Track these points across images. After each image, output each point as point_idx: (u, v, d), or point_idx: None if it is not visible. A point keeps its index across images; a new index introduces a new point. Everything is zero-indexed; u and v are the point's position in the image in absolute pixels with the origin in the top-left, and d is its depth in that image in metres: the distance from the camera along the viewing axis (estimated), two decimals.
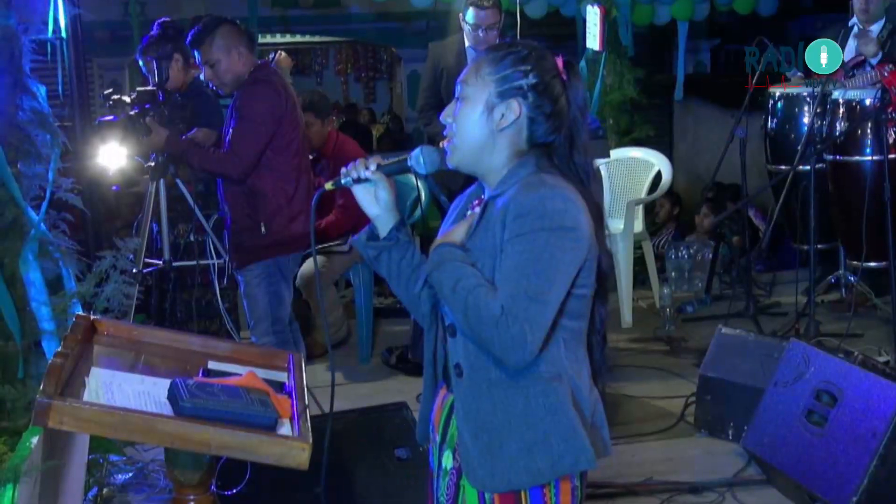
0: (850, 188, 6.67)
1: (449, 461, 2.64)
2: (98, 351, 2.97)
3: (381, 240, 2.70)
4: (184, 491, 2.69)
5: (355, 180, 2.67)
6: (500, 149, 2.53)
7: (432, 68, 6.47)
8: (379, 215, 2.69)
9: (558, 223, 2.40)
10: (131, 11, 11.17)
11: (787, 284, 7.46)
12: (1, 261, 3.83)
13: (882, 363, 5.42)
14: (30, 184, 3.95)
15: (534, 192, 2.42)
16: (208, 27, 5.13)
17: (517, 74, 2.50)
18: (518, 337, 2.35)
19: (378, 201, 2.67)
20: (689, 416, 5.54)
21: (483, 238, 2.47)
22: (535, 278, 2.37)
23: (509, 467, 2.49)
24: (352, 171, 2.67)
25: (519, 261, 2.38)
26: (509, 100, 2.50)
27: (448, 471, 2.65)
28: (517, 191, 2.44)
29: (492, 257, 2.43)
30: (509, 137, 2.52)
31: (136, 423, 2.44)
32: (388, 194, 2.67)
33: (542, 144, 2.54)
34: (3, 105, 3.90)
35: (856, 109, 6.56)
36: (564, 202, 2.42)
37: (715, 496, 4.68)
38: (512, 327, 2.35)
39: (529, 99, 2.50)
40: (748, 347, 5.31)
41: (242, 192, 5.15)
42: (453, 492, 2.63)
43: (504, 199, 2.45)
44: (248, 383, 2.76)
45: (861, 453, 4.11)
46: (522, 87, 2.50)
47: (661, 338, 6.86)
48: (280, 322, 5.21)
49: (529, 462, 2.49)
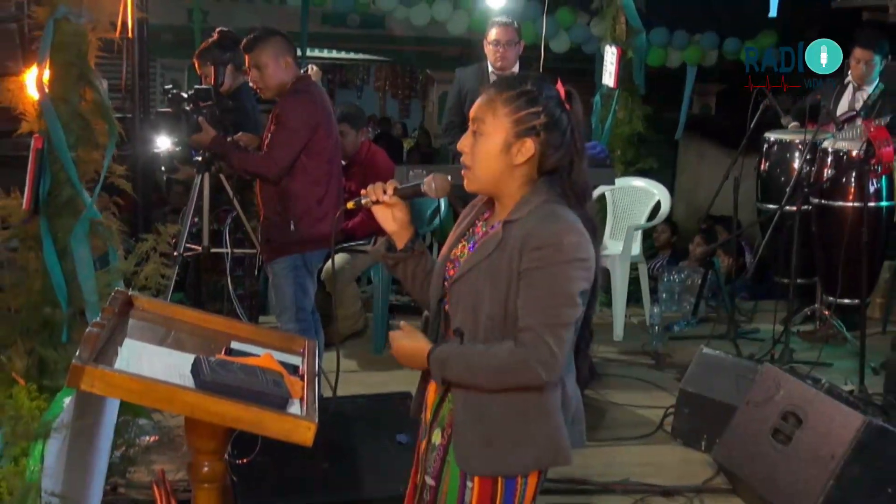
0: (832, 230, 6.65)
1: (437, 438, 2.68)
2: (133, 324, 2.98)
3: (398, 252, 2.83)
4: (200, 457, 2.70)
5: (374, 202, 2.73)
6: (515, 178, 2.58)
7: (457, 91, 6.54)
8: (395, 231, 2.81)
9: (573, 255, 2.47)
10: (194, 18, 11.23)
11: (767, 313, 7.43)
12: (55, 236, 3.85)
13: (847, 392, 5.41)
14: (86, 168, 3.97)
15: (551, 226, 2.48)
16: (263, 35, 5.18)
17: (531, 116, 2.53)
18: (548, 358, 2.44)
19: (395, 220, 2.79)
20: (667, 426, 5.52)
21: (500, 257, 2.52)
22: (558, 306, 2.46)
23: (497, 457, 2.56)
24: (370, 193, 2.77)
25: (542, 291, 2.46)
26: (524, 139, 2.53)
27: (436, 446, 2.69)
28: (534, 223, 2.49)
29: (507, 276, 2.49)
30: (523, 169, 2.57)
31: (160, 392, 2.44)
32: (403, 214, 2.80)
33: (550, 170, 2.58)
34: (69, 95, 3.92)
35: (842, 159, 6.55)
36: (578, 236, 2.49)
37: (684, 500, 4.69)
38: (540, 351, 2.43)
39: (542, 136, 2.54)
40: (726, 367, 5.31)
41: (276, 192, 5.16)
42: (438, 465, 2.67)
43: (522, 227, 2.51)
44: (265, 364, 2.77)
45: (820, 473, 4.10)
46: (535, 127, 2.53)
47: (648, 352, 6.85)
48: (304, 311, 5.22)
49: (516, 455, 2.56)
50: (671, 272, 8.17)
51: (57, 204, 3.90)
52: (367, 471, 4.28)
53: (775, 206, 6.69)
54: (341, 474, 4.22)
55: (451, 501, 2.61)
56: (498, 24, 6.34)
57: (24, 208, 3.83)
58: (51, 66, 3.84)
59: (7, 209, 3.89)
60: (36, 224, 3.86)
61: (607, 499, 4.67)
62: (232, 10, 13.14)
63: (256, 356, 2.84)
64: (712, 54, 11.29)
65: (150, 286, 4.00)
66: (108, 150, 4.02)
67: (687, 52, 11.18)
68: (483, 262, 2.54)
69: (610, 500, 4.67)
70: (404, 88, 19.63)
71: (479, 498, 2.57)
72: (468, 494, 2.58)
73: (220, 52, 6.12)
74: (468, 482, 2.58)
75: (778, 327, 6.50)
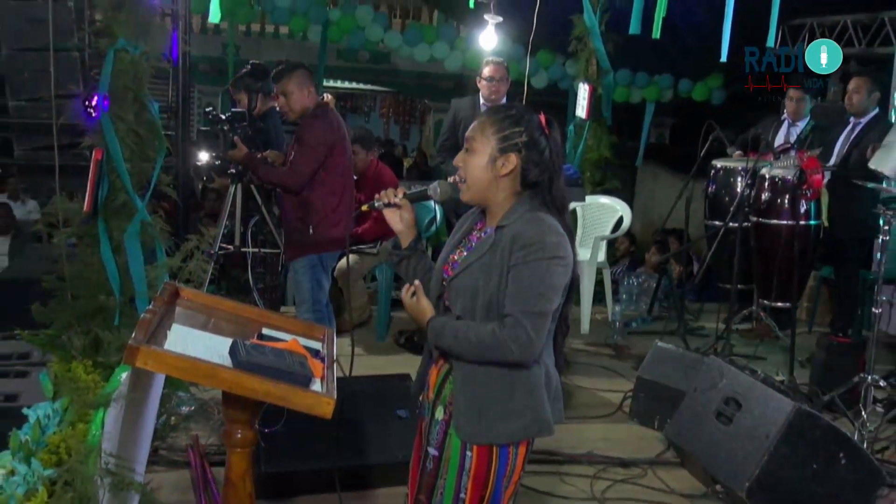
0: (768, 244, 6.66)
1: (440, 414, 2.69)
2: (179, 312, 2.98)
3: (403, 250, 2.84)
4: (234, 426, 2.70)
5: (386, 205, 2.74)
6: (502, 189, 2.61)
7: (452, 118, 6.55)
8: (402, 231, 2.83)
9: (554, 253, 2.50)
10: (228, 51, 11.21)
11: (711, 313, 7.44)
12: (110, 235, 3.85)
13: (779, 381, 5.43)
14: (138, 177, 3.97)
15: (536, 228, 2.52)
16: (289, 67, 5.19)
17: (514, 134, 2.57)
18: (525, 342, 2.46)
19: (402, 221, 2.82)
20: (625, 407, 5.53)
21: (493, 256, 2.54)
22: (539, 297, 2.48)
23: (491, 427, 2.57)
24: (383, 197, 2.78)
25: (526, 283, 2.48)
26: (508, 154, 2.57)
27: (439, 421, 2.69)
28: (522, 226, 2.53)
29: (499, 271, 2.51)
30: (508, 181, 2.60)
31: (203, 370, 2.45)
32: (410, 216, 2.81)
33: (531, 184, 2.60)
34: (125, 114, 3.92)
35: (778, 184, 6.57)
36: (559, 237, 2.53)
37: (639, 471, 4.69)
38: (519, 334, 2.46)
39: (523, 153, 2.57)
40: (676, 359, 5.33)
41: (298, 201, 5.17)
42: (441, 438, 2.67)
43: (511, 230, 2.54)
44: (292, 347, 2.77)
45: (756, 450, 4.12)
46: (517, 144, 2.57)
47: (610, 345, 6.87)
48: (319, 303, 5.22)
49: (506, 425, 2.58)
50: (630, 277, 8.18)
51: (113, 207, 3.90)
52: (371, 440, 4.29)
53: (720, 222, 6.70)
54: (349, 443, 4.23)
55: (454, 468, 2.62)
56: (492, 63, 6.36)
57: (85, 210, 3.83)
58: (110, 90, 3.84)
59: (70, 211, 3.89)
60: (94, 224, 3.86)
61: (574, 468, 4.67)
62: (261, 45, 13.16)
63: (284, 341, 2.84)
64: (668, 92, 11.33)
65: (192, 280, 4.00)
66: (158, 162, 4.02)
67: (647, 90, 11.21)
68: (478, 260, 2.57)
69: (576, 469, 4.67)
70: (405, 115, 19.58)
71: (477, 464, 2.59)
72: (468, 462, 2.59)
73: (252, 81, 6.13)
74: (468, 452, 2.59)
75: (721, 325, 6.52)
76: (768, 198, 6.62)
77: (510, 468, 2.62)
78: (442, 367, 2.70)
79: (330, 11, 10.57)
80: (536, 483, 4.42)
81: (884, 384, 5.27)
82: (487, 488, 2.60)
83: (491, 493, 2.61)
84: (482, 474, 2.59)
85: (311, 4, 10.60)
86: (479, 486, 2.60)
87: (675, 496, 4.45)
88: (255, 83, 6.11)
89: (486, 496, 2.61)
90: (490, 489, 2.60)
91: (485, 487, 2.60)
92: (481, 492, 2.60)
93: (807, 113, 7.09)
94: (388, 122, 19.58)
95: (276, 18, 10.82)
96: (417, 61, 11.24)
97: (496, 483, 2.60)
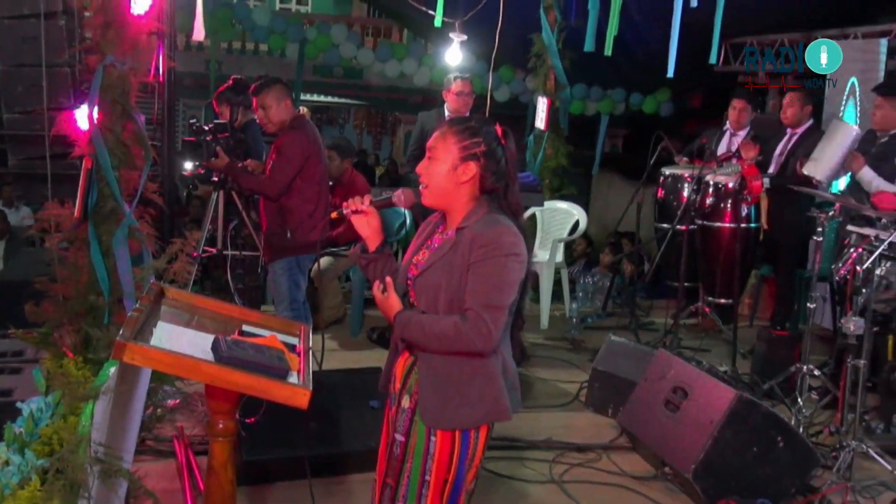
0: (712, 245, 6.72)
1: (406, 402, 2.69)
2: (164, 310, 2.96)
3: (371, 253, 2.82)
4: (216, 416, 2.69)
5: (354, 212, 2.74)
6: (461, 194, 2.62)
7: (420, 130, 6.55)
8: (369, 236, 2.82)
9: (509, 251, 2.51)
10: (211, 67, 11.15)
11: (661, 309, 7.52)
12: (100, 239, 3.81)
13: (722, 372, 5.49)
14: (126, 185, 3.94)
15: (493, 229, 2.53)
16: (268, 82, 5.16)
17: (473, 144, 2.58)
18: (484, 333, 2.47)
19: (369, 226, 2.81)
20: (581, 397, 5.56)
21: (454, 255, 2.54)
22: (496, 291, 2.49)
23: (453, 413, 2.58)
24: (351, 204, 2.77)
25: (484, 279, 2.49)
26: (468, 162, 2.58)
27: (405, 409, 2.69)
28: (480, 227, 2.53)
29: (460, 269, 2.52)
30: (467, 187, 2.61)
31: (187, 364, 2.44)
32: (377, 222, 2.81)
33: (489, 190, 2.61)
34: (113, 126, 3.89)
35: (721, 190, 6.63)
36: (514, 237, 2.54)
37: (594, 455, 4.73)
38: (478, 326, 2.46)
39: (482, 161, 2.58)
40: (628, 351, 5.36)
41: (276, 207, 5.14)
42: (407, 424, 2.68)
43: (470, 231, 2.54)
44: (270, 343, 2.76)
45: (701, 435, 4.15)
46: (476, 153, 2.58)
47: (568, 339, 6.89)
48: (297, 302, 5.19)
49: (467, 411, 2.59)
50: (586, 276, 8.21)
51: (102, 213, 3.86)
52: (346, 429, 4.29)
53: (669, 225, 6.75)
54: (325, 432, 4.23)
55: (419, 453, 2.63)
56: (460, 79, 6.35)
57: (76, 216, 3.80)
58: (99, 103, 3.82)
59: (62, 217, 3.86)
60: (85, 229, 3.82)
61: (534, 453, 4.70)
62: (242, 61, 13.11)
63: (263, 337, 2.84)
64: (621, 105, 11.42)
65: (177, 280, 3.98)
66: (144, 170, 3.99)
67: (601, 103, 11.28)
68: (440, 260, 2.58)
69: (536, 454, 4.69)
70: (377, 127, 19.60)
71: (440, 449, 2.60)
72: (432, 446, 2.60)
73: (233, 95, 6.11)
74: (432, 437, 2.60)
75: (669, 320, 6.57)
76: (712, 202, 6.68)
77: (472, 452, 2.62)
78: (407, 360, 2.71)
79: (306, 30, 10.57)
80: (499, 467, 4.44)
81: (818, 373, 5.32)
82: (451, 471, 2.61)
83: (454, 475, 2.62)
84: (445, 458, 2.60)
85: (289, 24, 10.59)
86: (442, 468, 2.61)
87: (628, 478, 4.48)
88: (236, 97, 6.09)
89: (449, 478, 2.62)
90: (453, 472, 2.61)
91: (448, 470, 2.61)
92: (445, 474, 2.61)
93: (748, 123, 7.15)
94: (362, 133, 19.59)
95: (256, 37, 10.80)
96: (388, 77, 11.24)
97: (459, 466, 2.61)
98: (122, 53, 3.83)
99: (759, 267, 7.58)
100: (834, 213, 5.46)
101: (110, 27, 3.79)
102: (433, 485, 2.62)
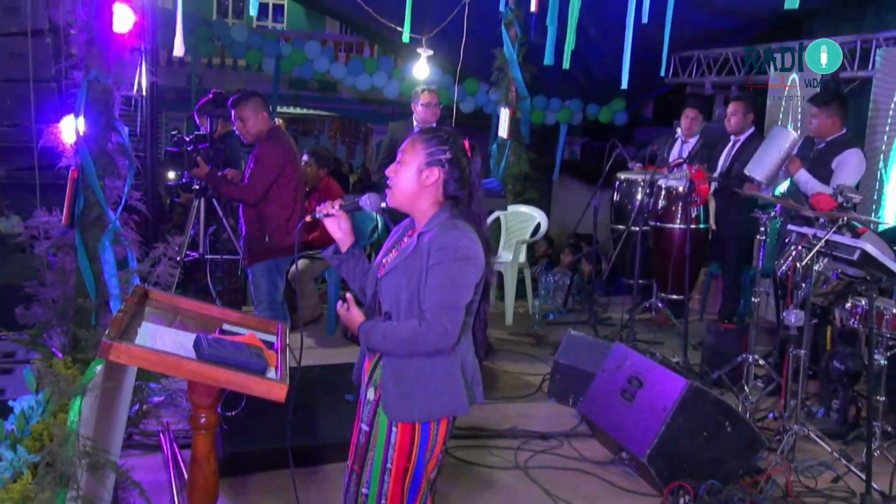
0: (664, 245, 6.77)
1: (371, 395, 2.69)
2: (148, 311, 2.95)
3: (342, 254, 2.83)
4: (199, 411, 2.68)
5: (325, 216, 2.73)
6: (426, 198, 2.61)
7: (390, 139, 6.56)
8: (341, 238, 2.82)
9: (465, 255, 2.50)
10: (192, 81, 11.07)
11: (617, 305, 7.55)
12: (86, 244, 3.80)
13: (675, 362, 5.53)
14: (111, 193, 3.92)
15: (450, 233, 2.52)
16: (245, 95, 5.13)
17: (439, 151, 2.58)
18: (442, 332, 2.47)
19: (340, 229, 2.80)
20: (544, 388, 5.57)
21: (414, 259, 2.54)
22: (452, 292, 2.49)
23: (413, 407, 2.58)
24: (323, 209, 2.77)
25: (441, 281, 2.48)
26: (433, 167, 2.58)
27: (370, 401, 2.69)
28: (438, 232, 2.53)
29: (419, 272, 2.51)
30: (431, 191, 2.60)
31: (169, 362, 2.43)
32: (347, 224, 2.81)
33: (452, 196, 2.61)
34: (98, 138, 3.87)
35: (672, 193, 6.67)
36: (469, 241, 2.53)
37: (556, 442, 4.74)
38: (436, 326, 2.46)
39: (446, 168, 2.59)
40: (587, 345, 5.36)
41: (255, 213, 5.11)
42: (371, 415, 2.68)
43: (430, 234, 2.54)
44: (249, 341, 2.75)
45: (655, 421, 4.17)
46: (441, 160, 2.58)
47: (531, 334, 6.90)
48: (275, 303, 5.17)
49: (427, 405, 2.59)
50: (548, 275, 8.22)
51: (88, 220, 3.85)
52: (323, 422, 4.27)
53: (624, 227, 6.80)
54: (303, 424, 4.21)
55: (381, 442, 2.63)
56: (428, 91, 6.37)
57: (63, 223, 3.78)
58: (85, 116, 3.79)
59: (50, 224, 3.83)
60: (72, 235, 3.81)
61: (500, 441, 4.70)
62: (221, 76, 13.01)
63: (243, 335, 2.83)
64: (578, 115, 11.45)
65: (160, 283, 3.96)
66: (128, 180, 3.97)
67: (560, 113, 11.32)
68: (402, 263, 2.57)
69: (502, 442, 4.69)
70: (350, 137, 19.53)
71: (401, 439, 2.60)
72: (394, 437, 2.60)
73: (213, 107, 6.07)
74: (394, 428, 2.60)
75: (625, 315, 6.60)
76: (664, 205, 6.73)
77: (431, 442, 2.62)
78: (374, 357, 2.71)
79: (282, 46, 10.51)
80: (467, 455, 4.44)
81: (763, 363, 5.39)
82: (411, 460, 2.61)
83: (414, 464, 2.62)
84: (406, 448, 2.60)
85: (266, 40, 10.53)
86: (403, 458, 2.61)
87: (588, 463, 4.50)
88: (215, 109, 6.06)
89: (409, 467, 2.62)
90: (413, 461, 2.62)
91: (408, 459, 2.61)
92: (405, 463, 2.61)
93: (697, 131, 7.21)
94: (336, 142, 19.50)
95: (234, 52, 10.72)
96: (360, 89, 11.21)
97: (419, 456, 2.61)
98: (106, 69, 3.82)
99: (708, 265, 7.64)
100: (775, 214, 5.54)
101: (94, 44, 3.78)
102: (394, 472, 2.62)
